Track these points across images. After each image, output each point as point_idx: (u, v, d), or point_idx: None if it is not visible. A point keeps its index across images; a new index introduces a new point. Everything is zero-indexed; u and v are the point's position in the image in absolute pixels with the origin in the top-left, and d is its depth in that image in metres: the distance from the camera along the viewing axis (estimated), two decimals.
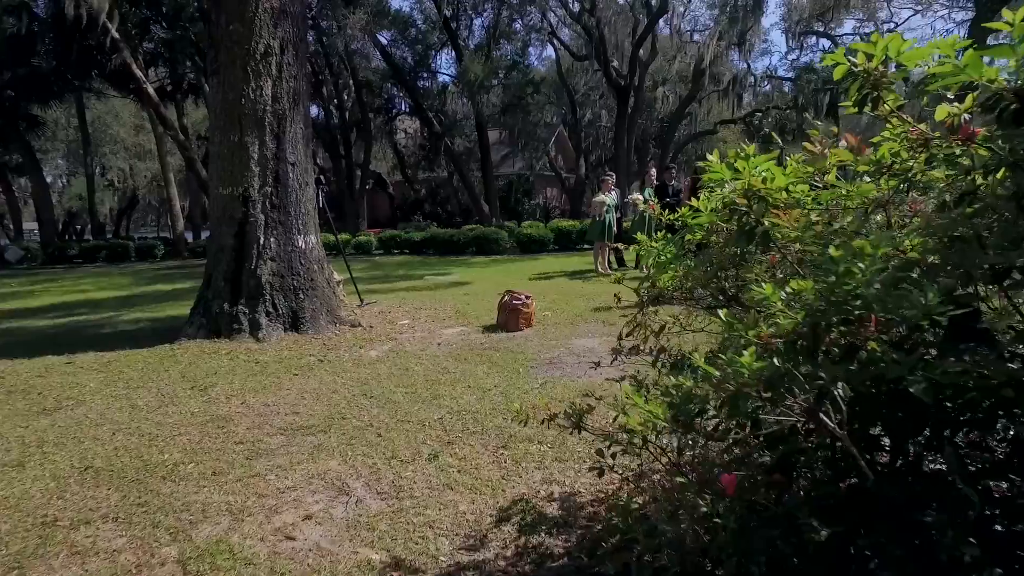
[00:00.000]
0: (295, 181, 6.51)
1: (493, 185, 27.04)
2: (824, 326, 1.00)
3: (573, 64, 33.42)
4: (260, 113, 6.18)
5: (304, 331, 6.27)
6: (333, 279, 6.99)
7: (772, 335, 1.06)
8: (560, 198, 37.75)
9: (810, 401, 0.94)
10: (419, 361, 5.44)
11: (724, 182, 1.61)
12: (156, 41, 16.72)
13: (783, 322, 1.05)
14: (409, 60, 25.82)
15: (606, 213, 11.43)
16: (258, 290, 6.24)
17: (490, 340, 6.25)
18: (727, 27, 26.42)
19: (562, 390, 4.45)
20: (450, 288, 10.46)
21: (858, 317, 0.96)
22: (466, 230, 19.09)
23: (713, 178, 1.62)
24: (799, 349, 1.04)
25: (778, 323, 1.06)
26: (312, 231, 6.69)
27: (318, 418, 4.00)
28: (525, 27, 26.96)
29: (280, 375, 5.04)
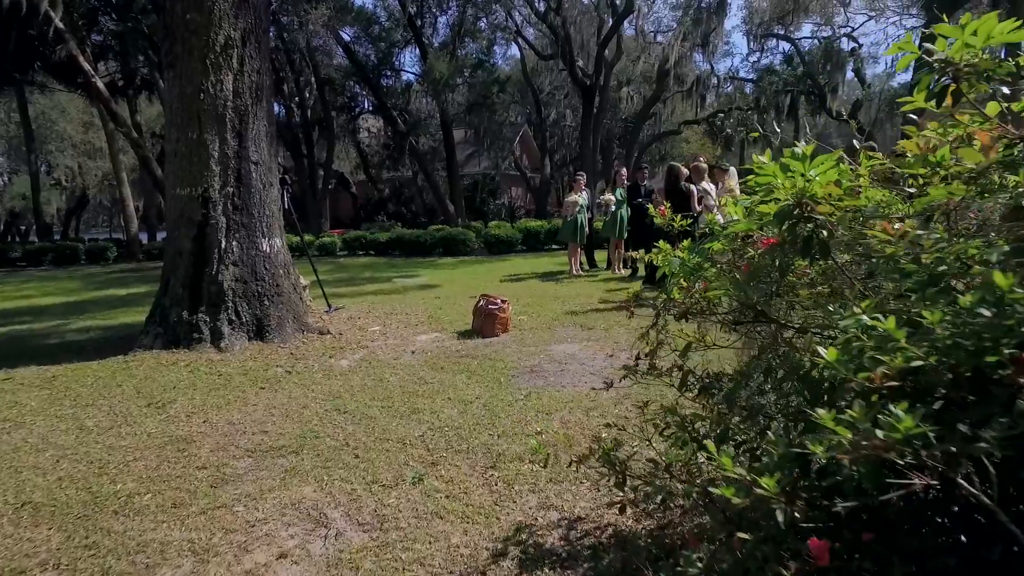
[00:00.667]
0: (258, 181, 6.15)
1: (459, 185, 26.73)
2: (971, 368, 0.81)
3: (538, 63, 33.36)
4: (220, 109, 5.81)
5: (270, 340, 5.92)
6: (299, 284, 6.65)
7: (888, 375, 0.86)
8: (525, 197, 37.67)
9: (947, 462, 0.76)
10: (393, 371, 5.17)
11: (774, 185, 1.41)
12: (105, 33, 15.90)
13: (897, 362, 0.86)
14: (372, 58, 25.30)
15: (578, 213, 11.28)
16: (220, 297, 5.87)
17: (466, 347, 6.01)
18: (691, 28, 26.65)
19: (548, 401, 4.24)
20: (420, 291, 10.17)
21: (1013, 357, 0.78)
22: (433, 231, 18.77)
23: (762, 181, 1.43)
24: (945, 398, 0.84)
25: (895, 362, 0.86)
26: (277, 233, 6.33)
27: (289, 437, 3.70)
28: (490, 26, 26.71)
29: (245, 389, 4.70)
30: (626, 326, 6.63)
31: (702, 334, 2.01)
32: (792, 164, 1.34)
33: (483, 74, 26.18)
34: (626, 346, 5.79)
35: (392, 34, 25.43)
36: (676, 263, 1.92)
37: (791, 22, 29.69)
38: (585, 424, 3.78)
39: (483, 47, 27.02)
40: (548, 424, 3.82)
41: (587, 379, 4.82)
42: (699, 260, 1.84)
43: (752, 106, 31.63)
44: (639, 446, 3.24)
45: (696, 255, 1.85)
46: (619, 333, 6.33)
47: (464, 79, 25.69)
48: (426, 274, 12.98)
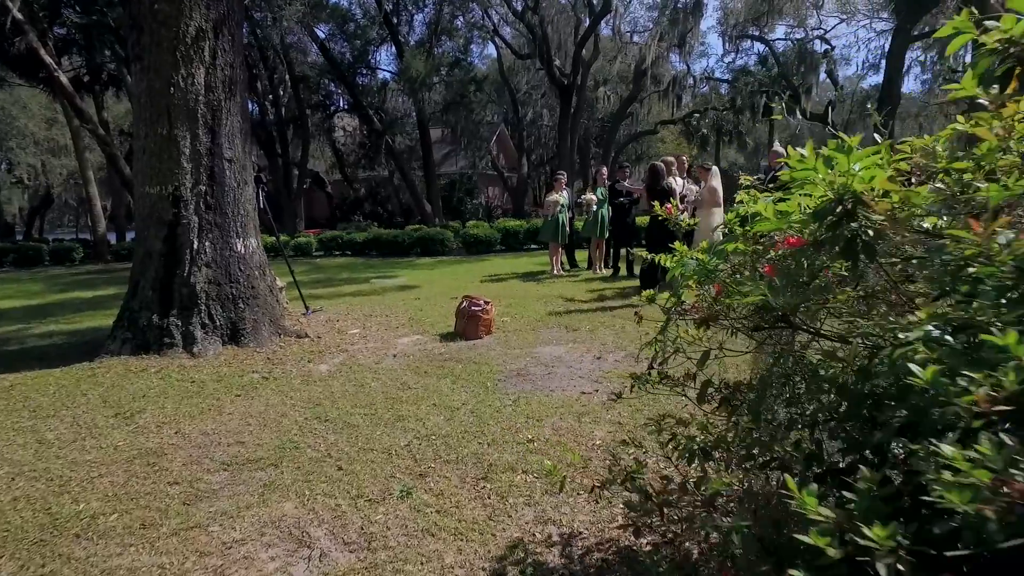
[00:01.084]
0: (232, 179, 5.91)
1: (435, 184, 26.48)
2: None
3: (515, 63, 33.25)
4: (192, 103, 5.56)
5: (245, 344, 5.69)
6: (276, 285, 6.42)
7: (995, 398, 0.73)
8: (502, 197, 37.54)
9: None
10: (375, 376, 4.98)
11: (814, 180, 1.28)
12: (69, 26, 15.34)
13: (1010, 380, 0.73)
14: (348, 55, 24.91)
15: (559, 213, 11.15)
16: (192, 299, 5.62)
17: (449, 350, 5.84)
18: (668, 28, 26.76)
19: (538, 407, 4.10)
20: (399, 292, 9.96)
21: None
22: (410, 231, 18.51)
23: (799, 176, 1.30)
24: None
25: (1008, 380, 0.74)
26: (252, 233, 6.10)
27: (267, 448, 3.51)
28: (467, 24, 26.51)
29: (220, 396, 4.48)
30: (611, 327, 6.53)
31: (720, 341, 1.87)
32: (836, 157, 1.22)
33: (460, 73, 25.98)
34: (613, 348, 5.68)
35: (368, 32, 25.06)
36: (692, 265, 1.79)
37: (765, 23, 30.02)
38: (579, 431, 3.65)
39: (460, 45, 26.81)
40: (539, 431, 3.68)
41: (576, 383, 4.70)
42: (718, 262, 1.70)
43: (727, 106, 31.87)
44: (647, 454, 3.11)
45: (716, 256, 1.71)
46: (605, 335, 6.22)
47: (441, 78, 25.46)
48: (405, 275, 12.76)
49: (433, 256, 17.16)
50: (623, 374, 4.72)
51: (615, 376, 4.76)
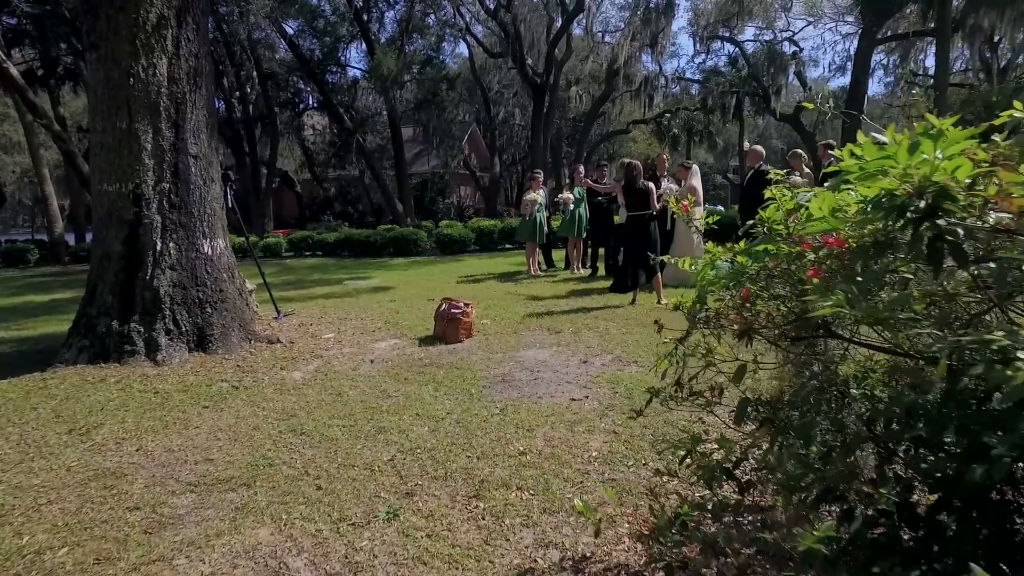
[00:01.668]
0: (198, 176, 5.58)
1: (407, 183, 26.10)
2: None
3: (487, 61, 33.05)
4: (154, 96, 5.22)
5: (213, 351, 5.37)
6: (245, 288, 6.11)
7: None
8: (474, 197, 37.32)
9: None
10: (353, 383, 4.73)
11: (883, 172, 1.10)
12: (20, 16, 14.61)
13: None
14: (317, 52, 24.39)
15: (537, 212, 10.98)
16: (155, 304, 5.29)
17: (429, 354, 5.61)
18: (640, 28, 26.82)
19: (527, 416, 3.90)
20: (373, 294, 9.67)
21: None
22: (383, 230, 18.16)
23: (871, 167, 1.12)
24: None
25: None
26: (220, 234, 5.78)
27: (239, 466, 3.24)
28: (439, 22, 26.18)
29: (186, 408, 4.18)
30: (595, 330, 6.36)
31: (754, 352, 1.69)
32: (922, 143, 1.04)
33: (432, 71, 25.66)
34: (599, 351, 5.51)
35: (338, 28, 24.59)
36: (725, 268, 1.60)
37: (735, 25, 30.31)
38: (573, 442, 3.45)
39: (432, 43, 26.47)
40: (531, 442, 3.48)
41: (564, 388, 4.51)
42: (753, 265, 1.52)
43: (699, 106, 32.09)
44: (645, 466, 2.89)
45: (752, 258, 1.53)
46: (589, 337, 6.05)
47: (413, 76, 25.10)
48: (378, 276, 12.45)
49: (407, 256, 16.86)
50: (639, 387, 4.56)
51: (604, 381, 4.59)
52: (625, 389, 4.37)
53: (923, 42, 29.87)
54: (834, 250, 1.42)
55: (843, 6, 31.01)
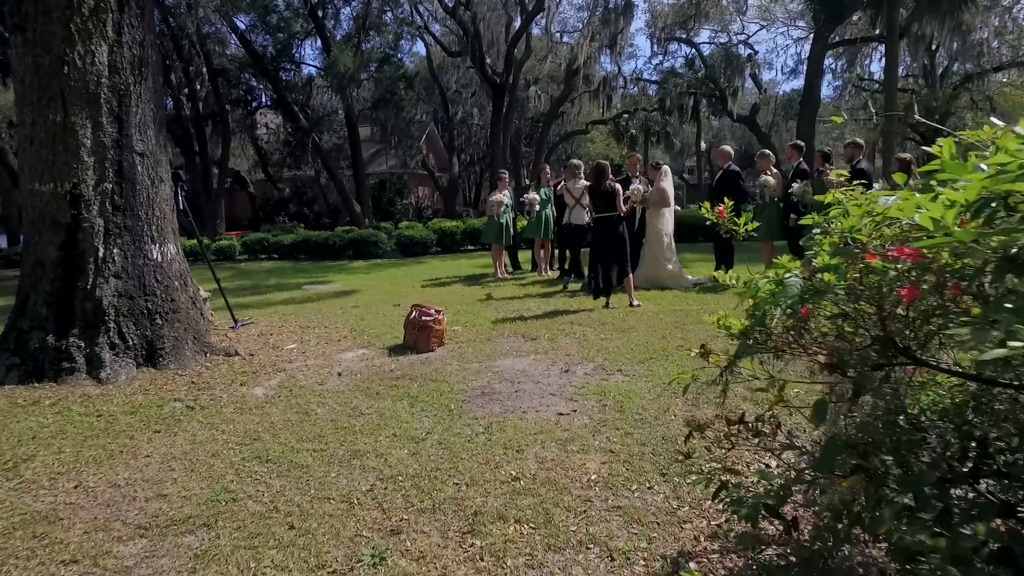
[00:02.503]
0: (145, 176, 5.12)
1: (365, 184, 25.50)
2: None
3: (444, 60, 32.66)
4: (93, 86, 4.74)
5: (165, 366, 4.92)
6: (199, 297, 5.65)
7: None
8: (433, 197, 36.89)
9: None
10: (321, 400, 4.36)
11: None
12: None
13: None
14: (271, 49, 23.57)
15: (503, 213, 10.71)
16: (98, 316, 4.81)
17: (400, 365, 5.27)
18: (599, 28, 26.85)
19: (514, 434, 3.61)
20: (335, 299, 9.24)
21: None
22: (341, 232, 17.60)
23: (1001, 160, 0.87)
24: None
25: None
26: (170, 238, 5.32)
27: (197, 502, 2.86)
28: (397, 20, 25.64)
29: (135, 433, 3.75)
30: (572, 335, 6.13)
31: (832, 385, 1.44)
32: None
33: (390, 69, 25.12)
34: (580, 359, 5.27)
35: (291, 24, 23.80)
36: (795, 285, 1.34)
37: (692, 27, 30.69)
38: (568, 464, 3.19)
39: (389, 41, 25.93)
40: (523, 465, 3.19)
41: (548, 401, 4.24)
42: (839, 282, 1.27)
43: (656, 107, 32.36)
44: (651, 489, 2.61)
45: (835, 274, 1.28)
46: (567, 344, 5.80)
47: (370, 74, 24.52)
48: (339, 279, 11.98)
49: (367, 259, 16.36)
50: (629, 399, 4.31)
51: (590, 393, 4.34)
52: (614, 401, 4.13)
53: (869, 48, 30.83)
54: (931, 263, 1.18)
55: (795, 11, 31.75)
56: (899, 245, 1.28)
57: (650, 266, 8.94)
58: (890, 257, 1.27)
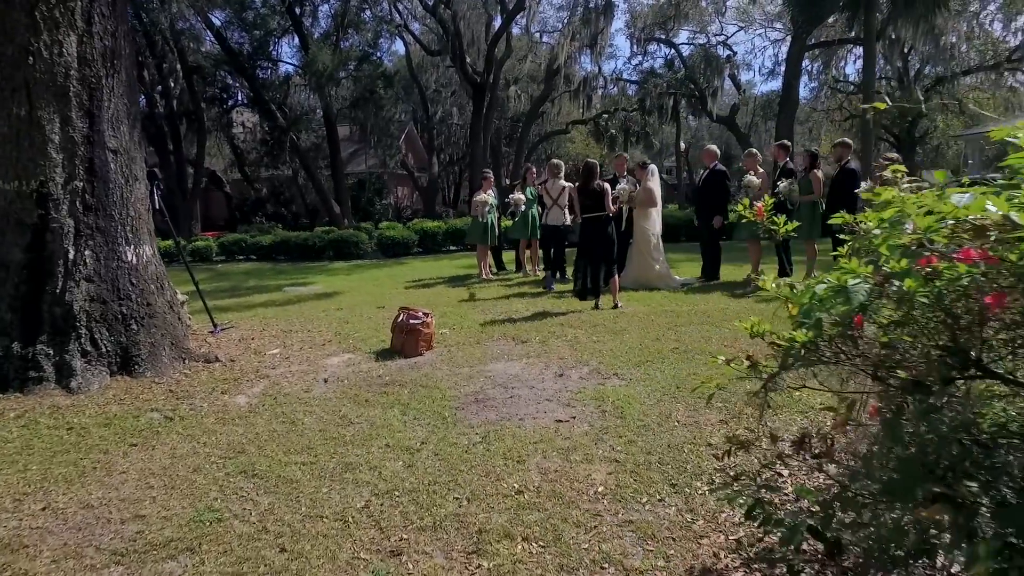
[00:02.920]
0: (119, 174, 4.86)
1: (344, 184, 25.16)
2: None
3: (423, 59, 32.43)
4: (61, 78, 4.47)
5: (140, 374, 4.66)
6: (177, 300, 5.40)
7: None
8: (412, 197, 36.60)
9: None
10: (307, 408, 4.16)
11: None
12: None
13: None
14: (247, 46, 23.11)
15: (488, 213, 10.54)
16: (68, 322, 4.54)
17: (389, 370, 5.09)
18: (580, 28, 26.81)
19: (513, 443, 3.46)
20: (317, 301, 9.00)
21: None
22: (321, 233, 17.29)
23: None
24: None
25: None
26: (146, 240, 5.06)
27: (178, 523, 2.66)
28: (375, 17, 25.32)
29: (109, 448, 3.52)
30: (563, 338, 5.99)
31: (892, 399, 1.30)
32: None
33: (369, 68, 24.78)
34: (573, 362, 5.13)
35: (268, 21, 23.37)
36: (862, 291, 1.20)
37: (671, 28, 30.81)
38: (573, 475, 3.04)
39: (368, 40, 25.60)
40: (525, 477, 3.04)
41: (545, 408, 4.10)
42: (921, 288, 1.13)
43: (636, 107, 32.42)
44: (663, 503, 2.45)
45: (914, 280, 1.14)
46: (559, 347, 5.66)
47: (349, 72, 24.15)
48: (320, 281, 11.72)
49: (348, 260, 16.09)
50: (629, 405, 4.15)
51: (588, 398, 4.20)
52: (613, 407, 3.99)
53: (844, 50, 31.23)
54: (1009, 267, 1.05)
55: (772, 13, 32.05)
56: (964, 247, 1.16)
57: (638, 267, 8.84)
58: (958, 260, 1.14)
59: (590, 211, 7.32)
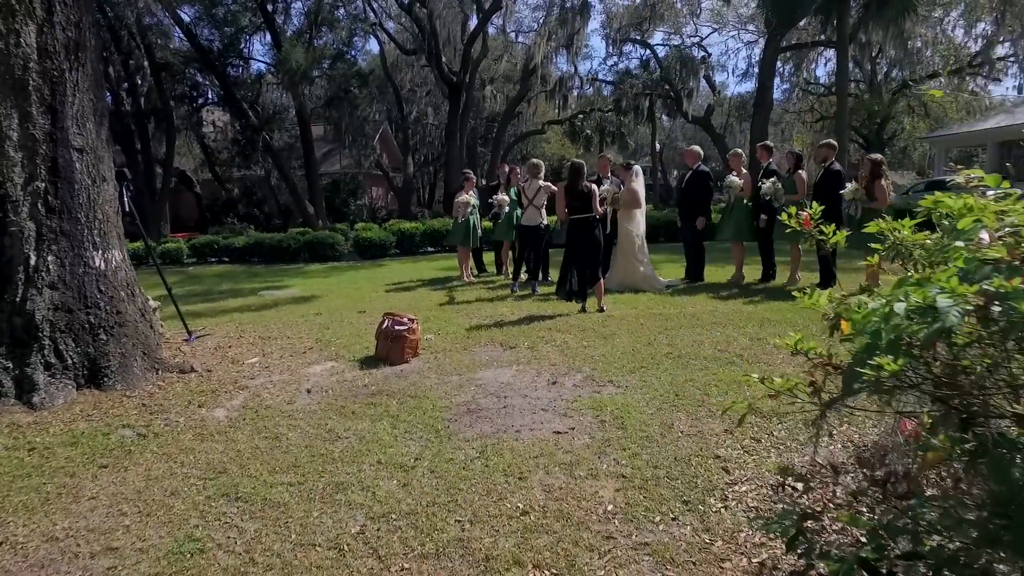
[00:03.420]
0: (84, 174, 4.57)
1: (318, 184, 24.71)
2: None
3: (398, 59, 32.12)
4: (19, 71, 4.17)
5: (111, 387, 4.38)
6: (149, 307, 5.12)
7: None
8: (387, 197, 36.21)
9: None
10: (291, 422, 3.94)
11: None
12: None
13: None
14: (217, 43, 22.54)
15: (470, 214, 10.35)
16: (30, 332, 4.25)
17: (374, 379, 4.88)
18: (556, 27, 26.76)
19: (512, 458, 3.29)
20: (295, 306, 8.71)
21: None
22: (296, 234, 16.89)
23: None
24: None
25: None
26: (115, 244, 4.77)
27: (155, 556, 2.44)
28: (350, 16, 24.92)
29: (76, 470, 3.26)
30: (552, 342, 5.84)
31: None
32: None
33: (343, 66, 24.38)
34: (566, 369, 4.98)
35: (239, 18, 22.82)
36: (951, 311, 1.05)
37: (647, 29, 30.93)
38: (579, 493, 2.88)
39: (343, 38, 25.17)
40: (529, 495, 2.87)
41: (541, 418, 3.93)
42: None
43: (612, 108, 32.50)
44: None
45: None
46: (549, 352, 5.51)
47: (323, 71, 23.73)
48: (297, 284, 11.40)
49: (324, 262, 15.74)
50: (629, 415, 3.99)
51: (585, 408, 4.05)
52: (612, 417, 3.85)
53: (815, 52, 31.73)
54: None
55: (745, 16, 32.35)
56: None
57: (622, 269, 8.72)
58: None
59: (578, 212, 7.17)
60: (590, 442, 3.48)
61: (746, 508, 2.69)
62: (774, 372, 4.68)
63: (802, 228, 1.60)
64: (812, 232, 1.59)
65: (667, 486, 2.92)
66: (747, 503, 2.73)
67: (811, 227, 1.58)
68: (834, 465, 1.59)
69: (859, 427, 3.43)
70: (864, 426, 3.43)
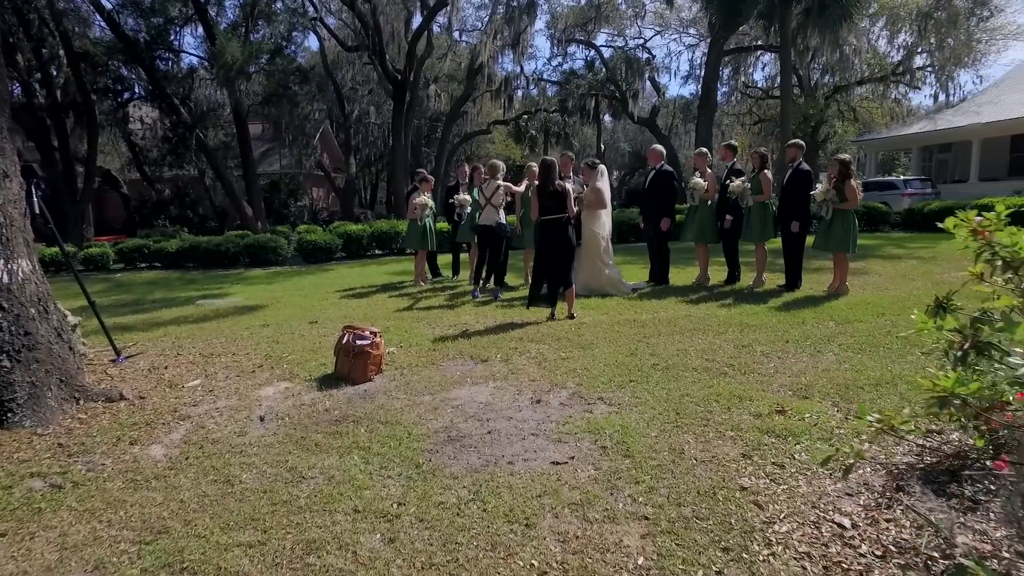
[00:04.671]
0: None
1: (256, 185, 23.54)
2: None
3: (339, 55, 31.19)
4: None
5: (16, 424, 3.68)
6: (67, 325, 4.40)
7: None
8: (328, 199, 35.14)
9: None
10: (244, 460, 3.36)
11: None
12: None
13: None
14: (144, 34, 21.09)
15: (427, 217, 9.83)
16: None
17: (336, 402, 4.34)
18: (502, 26, 26.42)
19: (511, 499, 2.83)
20: (238, 316, 7.97)
21: None
22: (235, 237, 15.90)
23: None
24: None
25: None
26: (22, 252, 4.05)
27: None
28: (288, 9, 23.82)
29: None
30: (527, 354, 5.42)
31: None
32: None
33: (282, 62, 23.26)
34: (548, 385, 4.56)
35: (168, 7, 21.44)
36: None
37: (592, 29, 31.00)
38: (601, 543, 2.45)
39: (281, 32, 24.05)
40: (542, 548, 2.43)
41: (533, 445, 3.50)
42: None
43: (557, 108, 32.43)
44: None
45: None
46: (525, 365, 5.09)
47: (260, 67, 22.56)
48: (238, 291, 10.58)
49: (266, 267, 14.85)
50: (633, 438, 3.54)
51: (580, 431, 3.64)
52: (614, 442, 3.44)
53: (753, 56, 32.56)
54: None
55: (687, 19, 32.81)
56: None
57: (588, 272, 8.37)
58: None
59: (551, 213, 6.75)
60: (596, 474, 3.07)
61: (796, 554, 2.33)
62: (768, 384, 4.43)
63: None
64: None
65: (699, 529, 2.53)
66: (795, 548, 2.37)
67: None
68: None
69: (884, 447, 3.14)
70: (887, 443, 3.14)
